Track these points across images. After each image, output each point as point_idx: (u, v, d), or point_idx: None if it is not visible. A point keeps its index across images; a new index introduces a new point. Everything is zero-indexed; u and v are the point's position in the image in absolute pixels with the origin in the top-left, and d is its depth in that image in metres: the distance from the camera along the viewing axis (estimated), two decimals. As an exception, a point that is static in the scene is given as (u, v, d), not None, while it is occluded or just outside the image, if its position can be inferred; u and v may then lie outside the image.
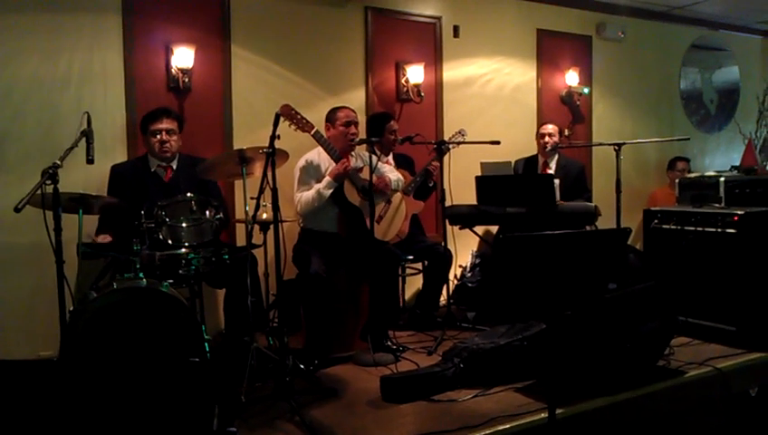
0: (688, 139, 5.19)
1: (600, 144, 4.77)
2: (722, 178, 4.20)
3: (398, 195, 4.02)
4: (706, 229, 3.84)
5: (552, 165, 4.88)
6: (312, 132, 3.57)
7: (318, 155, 3.79)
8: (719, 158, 6.75)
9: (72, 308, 2.82)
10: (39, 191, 2.57)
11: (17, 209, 2.45)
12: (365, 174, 3.68)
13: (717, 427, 3.28)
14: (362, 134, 4.32)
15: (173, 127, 3.58)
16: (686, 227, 3.95)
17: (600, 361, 2.99)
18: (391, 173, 3.98)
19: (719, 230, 3.77)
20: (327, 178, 3.63)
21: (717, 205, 4.09)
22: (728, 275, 3.70)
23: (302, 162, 3.77)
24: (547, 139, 4.87)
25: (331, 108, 3.94)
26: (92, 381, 2.43)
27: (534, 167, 4.92)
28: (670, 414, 3.09)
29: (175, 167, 3.61)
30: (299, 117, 3.51)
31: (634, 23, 6.07)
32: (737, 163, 6.17)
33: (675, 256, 3.97)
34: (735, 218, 3.69)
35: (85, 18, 3.80)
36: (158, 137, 3.53)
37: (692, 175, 4.77)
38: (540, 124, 5.13)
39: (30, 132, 3.67)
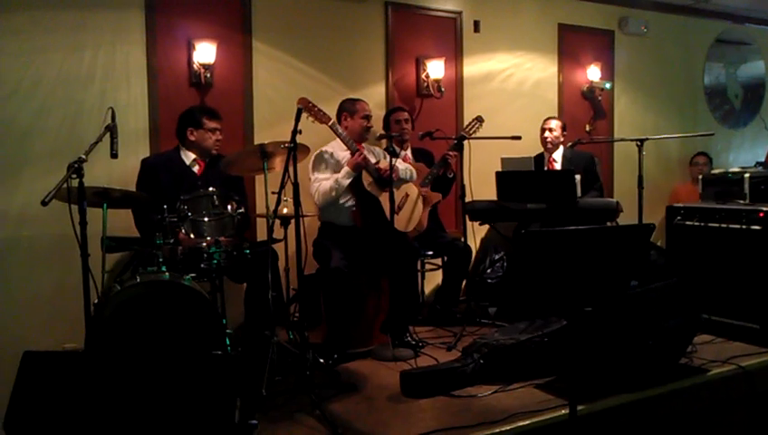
0: (712, 134, 5.12)
1: (623, 139, 4.71)
2: (746, 175, 4.14)
3: (415, 188, 4.01)
4: (731, 226, 3.79)
5: (558, 158, 4.84)
6: (330, 124, 3.62)
7: (334, 148, 3.82)
8: (743, 154, 6.64)
9: (96, 301, 2.86)
10: (64, 185, 2.61)
11: (44, 203, 2.49)
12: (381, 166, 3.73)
13: (741, 426, 3.24)
14: (378, 130, 4.35)
15: (221, 127, 3.69)
16: (709, 224, 3.90)
17: (622, 358, 2.97)
18: (399, 164, 3.94)
19: (744, 227, 3.72)
20: (345, 169, 3.67)
21: (742, 201, 4.03)
22: (753, 273, 3.65)
23: (317, 152, 3.81)
24: (547, 134, 4.80)
25: (346, 99, 3.98)
26: (116, 372, 2.46)
27: (541, 164, 4.87)
28: (692, 412, 3.06)
29: (207, 162, 3.66)
30: (316, 109, 3.55)
31: (657, 17, 5.99)
32: (762, 159, 6.08)
33: (698, 253, 3.92)
34: (761, 215, 3.64)
35: (108, 14, 3.84)
36: (217, 134, 3.63)
37: (716, 171, 4.70)
38: (546, 119, 4.95)
39: (55, 127, 3.72)
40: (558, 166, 4.80)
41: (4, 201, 3.61)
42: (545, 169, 4.78)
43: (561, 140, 4.84)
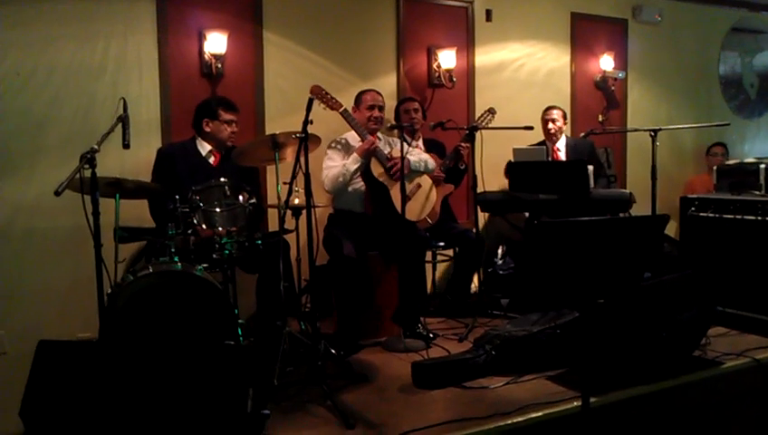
0: (728, 124, 5.05)
1: (636, 130, 4.67)
2: (762, 165, 4.09)
3: (428, 178, 3.99)
4: (746, 217, 3.75)
5: (562, 147, 4.81)
6: (341, 110, 3.63)
7: (348, 137, 3.85)
8: (759, 144, 6.56)
9: (109, 291, 2.88)
10: (77, 176, 2.62)
11: (57, 193, 2.50)
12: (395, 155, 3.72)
13: (755, 419, 3.22)
14: (391, 120, 4.36)
15: (237, 119, 3.69)
16: (724, 215, 3.86)
17: (635, 350, 2.95)
18: (412, 156, 3.89)
19: (759, 218, 3.68)
20: (354, 155, 3.69)
21: (757, 192, 3.99)
22: (768, 265, 3.61)
23: (332, 140, 3.84)
24: (551, 125, 4.78)
25: (359, 91, 3.99)
26: (129, 362, 2.48)
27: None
28: (706, 405, 3.04)
29: (223, 153, 3.67)
30: (328, 96, 3.58)
31: (671, 5, 5.91)
32: (778, 150, 6.02)
33: (712, 245, 3.88)
34: (776, 206, 3.60)
35: (120, 5, 3.84)
36: (233, 126, 3.64)
37: (731, 162, 4.64)
38: (546, 109, 4.89)
39: (68, 118, 3.74)
40: (562, 155, 4.79)
41: (18, 192, 3.63)
42: (549, 158, 4.75)
43: (564, 128, 4.82)
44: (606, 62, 5.53)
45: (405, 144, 3.59)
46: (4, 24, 3.56)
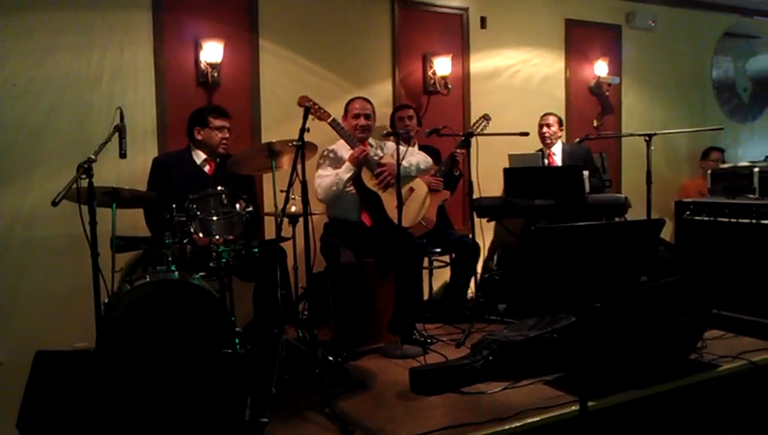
0: (722, 129, 5.08)
1: (631, 135, 4.69)
2: (756, 169, 4.12)
3: (422, 183, 3.99)
4: (740, 220, 3.77)
5: (557, 152, 4.83)
6: (329, 120, 3.64)
7: (338, 146, 3.86)
8: (752, 148, 6.59)
9: (106, 300, 2.88)
10: (74, 185, 2.62)
11: (54, 203, 2.50)
12: (385, 162, 3.75)
13: (752, 421, 3.23)
14: (388, 127, 4.38)
15: (230, 126, 3.68)
16: (719, 219, 3.88)
17: (632, 353, 2.96)
18: (404, 160, 3.82)
19: (754, 221, 3.70)
20: (346, 164, 3.69)
21: (752, 196, 4.01)
22: (763, 267, 3.63)
23: (322, 151, 3.83)
24: (545, 130, 4.83)
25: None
26: (127, 371, 2.48)
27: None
28: (703, 408, 3.05)
29: (218, 162, 3.67)
30: (316, 106, 3.58)
31: (665, 11, 5.96)
32: (771, 153, 6.05)
33: (708, 248, 3.90)
34: (771, 209, 3.63)
35: (116, 15, 3.85)
36: (224, 133, 3.63)
37: (725, 165, 4.67)
38: (543, 115, 4.95)
39: (64, 127, 3.74)
40: (557, 159, 4.81)
41: (15, 201, 3.63)
42: (545, 163, 4.78)
43: (559, 135, 4.85)
44: (600, 68, 5.56)
45: (402, 150, 3.58)
46: (1, 34, 3.57)
